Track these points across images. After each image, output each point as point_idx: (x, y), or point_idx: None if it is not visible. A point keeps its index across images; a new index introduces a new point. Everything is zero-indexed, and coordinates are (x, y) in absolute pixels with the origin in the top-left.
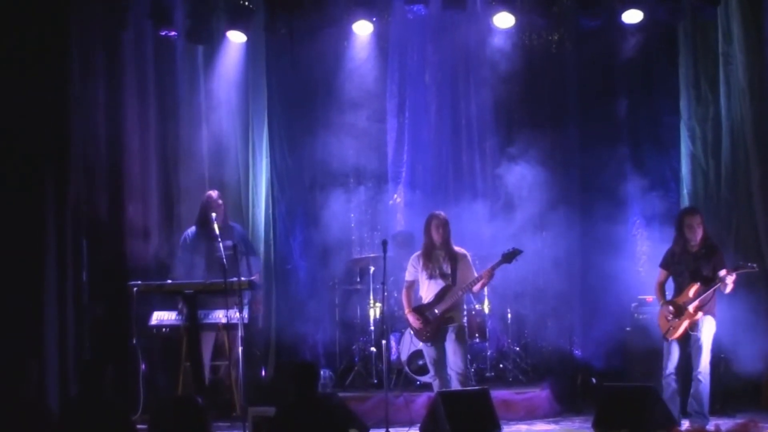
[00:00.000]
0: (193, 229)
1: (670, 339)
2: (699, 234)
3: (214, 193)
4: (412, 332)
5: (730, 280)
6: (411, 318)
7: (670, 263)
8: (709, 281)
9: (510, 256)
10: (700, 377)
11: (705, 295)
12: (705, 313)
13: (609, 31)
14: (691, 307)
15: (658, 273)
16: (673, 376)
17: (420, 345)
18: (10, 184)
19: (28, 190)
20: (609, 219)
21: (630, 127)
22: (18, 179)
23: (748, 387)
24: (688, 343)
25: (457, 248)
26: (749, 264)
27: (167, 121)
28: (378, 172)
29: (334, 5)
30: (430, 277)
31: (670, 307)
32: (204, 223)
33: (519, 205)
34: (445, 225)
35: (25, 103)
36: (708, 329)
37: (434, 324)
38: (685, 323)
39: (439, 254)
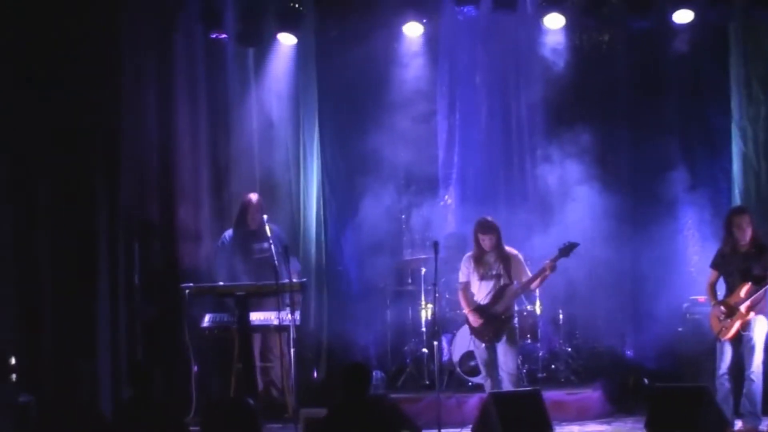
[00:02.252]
0: (230, 231)
1: (722, 339)
2: (748, 233)
3: (253, 196)
4: (471, 333)
5: None
6: (472, 318)
7: (720, 263)
8: (760, 281)
9: (567, 250)
10: (752, 377)
11: (757, 294)
12: (757, 313)
13: (659, 31)
14: (742, 307)
15: (709, 273)
16: (726, 377)
17: (471, 346)
18: (63, 188)
19: (80, 194)
20: (660, 220)
21: (681, 127)
22: (70, 184)
23: None
24: (741, 343)
25: (508, 248)
26: None
27: (218, 124)
28: (428, 173)
29: (384, 6)
30: (482, 278)
31: (722, 308)
32: (242, 225)
33: (569, 207)
34: (492, 232)
35: (76, 107)
36: (761, 329)
37: (494, 324)
38: (738, 323)
39: (490, 256)
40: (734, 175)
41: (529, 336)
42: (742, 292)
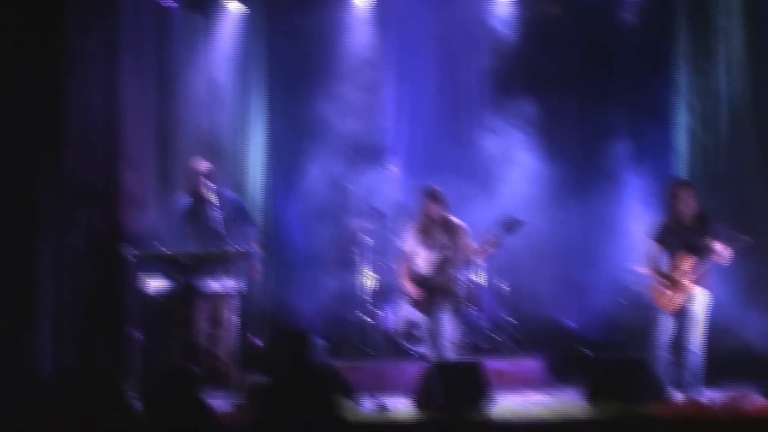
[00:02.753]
0: (183, 198)
1: (665, 312)
2: (692, 207)
3: (204, 163)
4: (411, 303)
5: (723, 253)
6: (411, 289)
7: (663, 237)
8: (703, 254)
9: (510, 226)
10: (693, 349)
11: (699, 268)
12: (699, 286)
13: (608, 4)
14: (685, 280)
15: (652, 245)
16: (667, 348)
17: (415, 315)
18: (5, 153)
19: (22, 159)
20: (604, 191)
21: (628, 100)
22: (12, 149)
23: (741, 360)
24: (683, 315)
25: (454, 219)
26: (741, 237)
27: (165, 90)
28: (375, 142)
29: None
30: (427, 248)
31: (665, 280)
32: (194, 192)
33: (516, 177)
34: (440, 201)
35: (20, 70)
36: (701, 302)
37: (433, 294)
38: (679, 296)
39: (435, 226)
40: (680, 148)
41: (472, 306)
42: (685, 265)
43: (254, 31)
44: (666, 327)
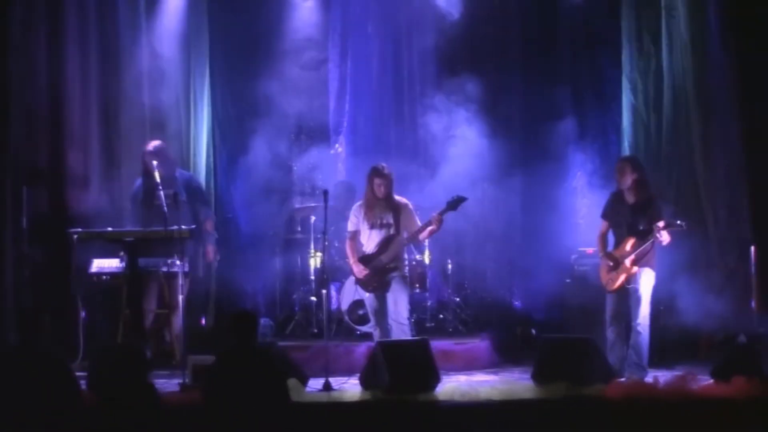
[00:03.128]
0: (139, 180)
1: (609, 291)
2: (628, 180)
3: (154, 143)
4: (356, 282)
5: (664, 234)
6: (356, 268)
7: (609, 214)
8: (645, 235)
9: (454, 204)
10: (639, 329)
11: (641, 248)
12: (642, 266)
13: None
14: (627, 261)
15: (600, 223)
16: (614, 328)
17: (361, 295)
18: None
19: None
20: (550, 171)
21: (572, 79)
22: None
23: (687, 340)
24: (626, 294)
25: (398, 198)
26: (678, 222)
27: (108, 70)
28: (319, 121)
29: None
30: (372, 227)
31: (608, 259)
32: (146, 173)
33: (460, 156)
34: (386, 178)
35: None
36: (646, 281)
37: (379, 274)
38: (623, 276)
39: (380, 205)
40: (624, 128)
41: (418, 286)
42: (628, 246)
43: (197, 7)
44: (612, 306)
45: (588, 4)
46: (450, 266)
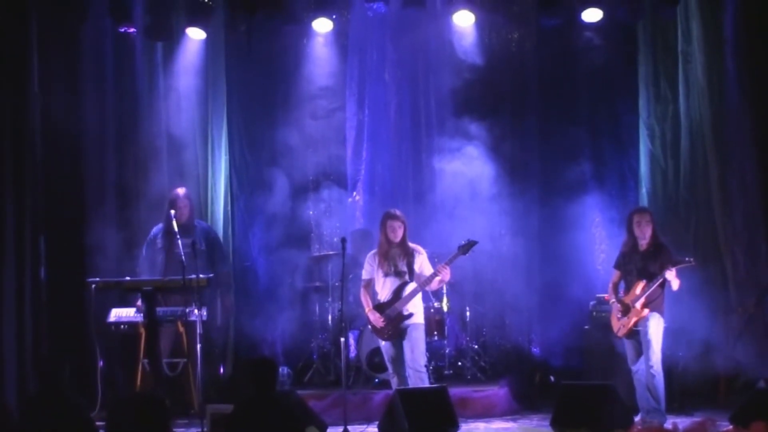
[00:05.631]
0: (159, 226)
1: (619, 337)
2: (648, 232)
3: (179, 191)
4: (372, 330)
5: (670, 275)
6: (372, 317)
7: (621, 263)
8: (653, 277)
9: (466, 248)
10: (652, 371)
11: (650, 291)
12: (651, 310)
13: (569, 29)
14: (637, 304)
15: (612, 273)
16: (630, 373)
17: (378, 342)
18: None
19: None
20: (568, 217)
21: (589, 125)
22: None
23: (707, 385)
24: (638, 339)
25: (412, 245)
26: (686, 258)
27: (126, 118)
28: (337, 169)
29: (294, 2)
30: (387, 275)
31: (619, 306)
32: (167, 221)
33: (478, 203)
34: (400, 224)
35: None
36: (655, 325)
37: (394, 321)
38: (633, 320)
39: (394, 252)
40: (641, 174)
41: (436, 333)
42: (638, 290)
43: (214, 57)
44: (629, 352)
45: (605, 50)
46: (468, 313)
